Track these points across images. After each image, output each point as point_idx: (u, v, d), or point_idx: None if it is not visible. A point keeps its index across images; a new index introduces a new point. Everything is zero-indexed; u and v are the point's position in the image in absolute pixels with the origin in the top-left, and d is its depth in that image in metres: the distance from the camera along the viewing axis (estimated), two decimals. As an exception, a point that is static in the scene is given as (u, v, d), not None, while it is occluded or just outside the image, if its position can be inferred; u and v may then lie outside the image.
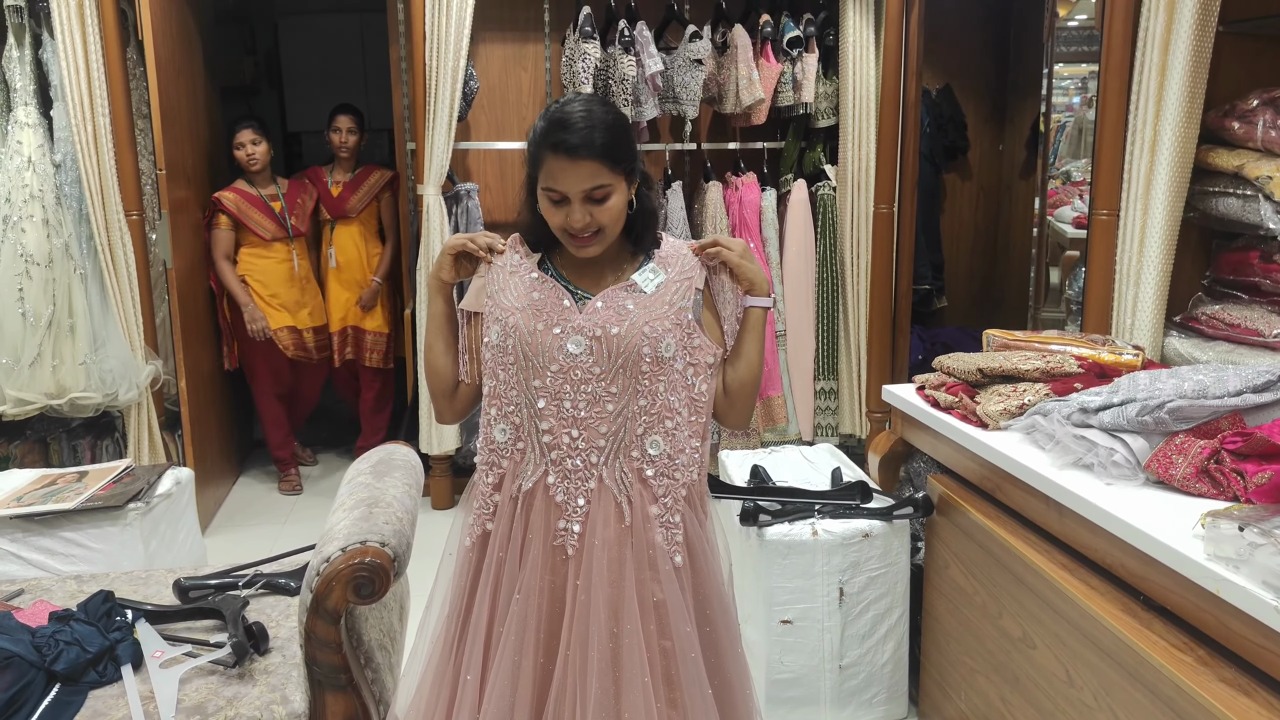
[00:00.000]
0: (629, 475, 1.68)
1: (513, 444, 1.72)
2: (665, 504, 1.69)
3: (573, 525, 1.68)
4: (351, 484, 2.25)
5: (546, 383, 1.68)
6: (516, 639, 1.66)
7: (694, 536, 1.71)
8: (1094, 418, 2.12)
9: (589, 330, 1.67)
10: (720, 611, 1.73)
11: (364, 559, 1.87)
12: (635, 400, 1.67)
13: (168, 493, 3.08)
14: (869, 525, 2.59)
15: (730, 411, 1.78)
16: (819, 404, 4.34)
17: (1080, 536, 2.01)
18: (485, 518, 1.75)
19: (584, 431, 1.67)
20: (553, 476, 1.69)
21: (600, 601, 1.63)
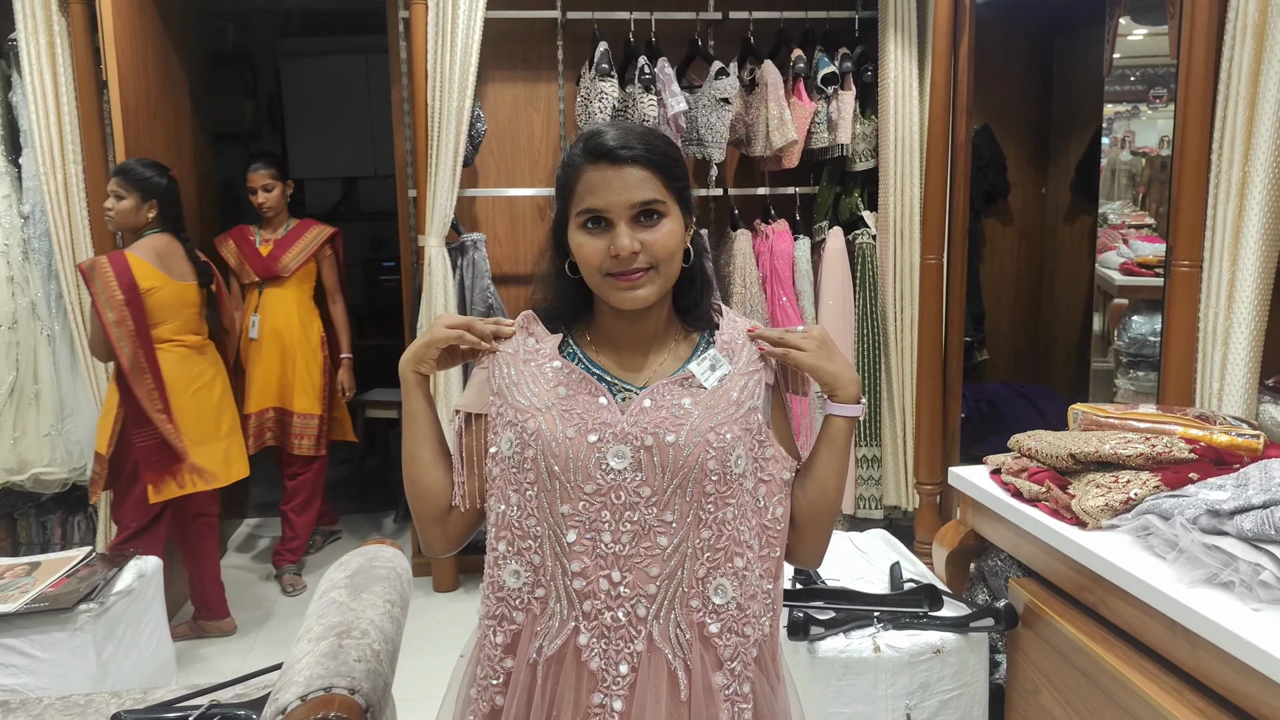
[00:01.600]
0: (687, 633, 1.29)
1: (530, 591, 1.33)
2: (733, 670, 1.30)
3: (613, 701, 1.28)
4: (322, 601, 1.86)
5: (579, 509, 1.29)
6: None
7: (766, 710, 1.33)
8: (1229, 523, 1.72)
9: (636, 437, 1.29)
10: None
11: (327, 713, 1.49)
12: (697, 532, 1.29)
13: (128, 589, 2.70)
14: (940, 639, 2.19)
15: (800, 546, 1.40)
16: (861, 473, 3.94)
17: (1223, 677, 1.61)
18: (495, 690, 1.35)
19: (628, 574, 1.28)
20: (585, 636, 1.29)
21: None
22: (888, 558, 2.61)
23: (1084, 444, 2.10)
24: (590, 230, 1.29)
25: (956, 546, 2.46)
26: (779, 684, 1.37)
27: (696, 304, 1.38)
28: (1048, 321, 5.35)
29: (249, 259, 4.00)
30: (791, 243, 3.87)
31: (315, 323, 4.09)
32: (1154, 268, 5.35)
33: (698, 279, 1.38)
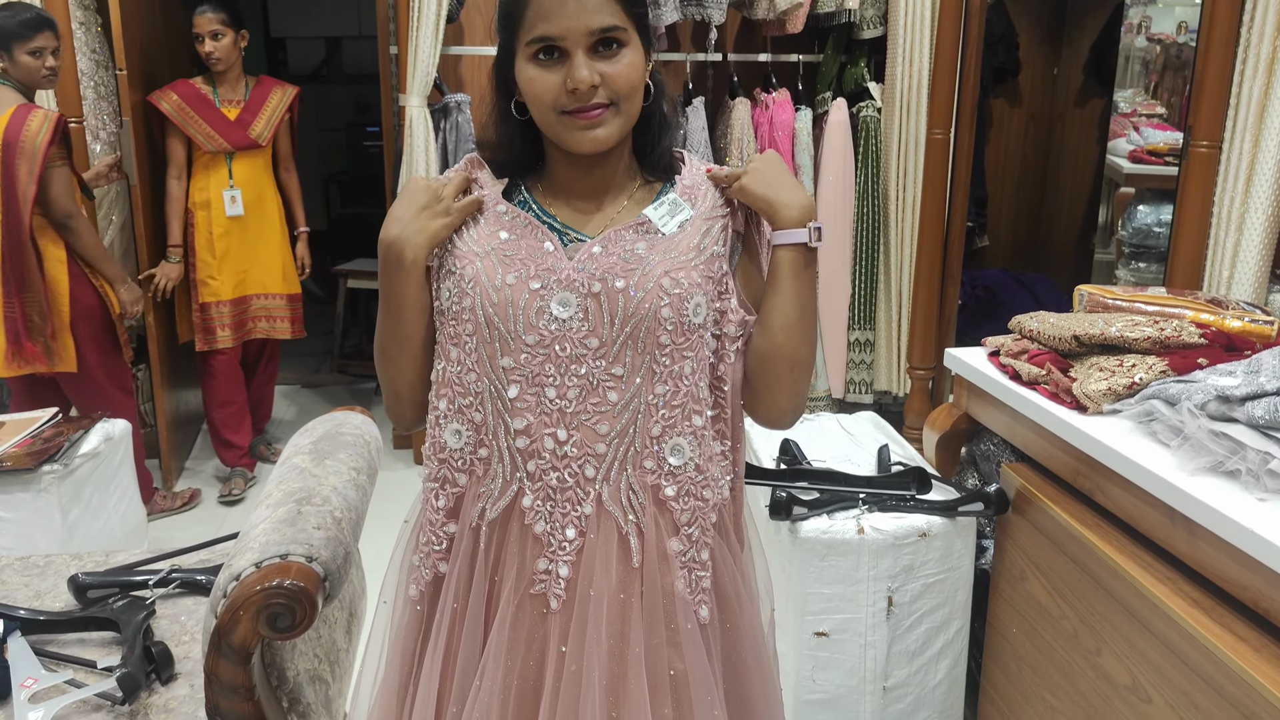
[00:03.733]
0: (640, 496, 1.19)
1: (472, 451, 1.23)
2: (690, 536, 1.20)
3: (559, 567, 1.19)
4: (284, 467, 1.78)
5: (521, 362, 1.18)
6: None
7: (727, 579, 1.24)
8: (1239, 409, 1.63)
9: (583, 284, 1.18)
10: (760, 682, 1.26)
11: (282, 580, 1.41)
12: (650, 387, 1.18)
13: (95, 451, 2.63)
14: (927, 522, 2.12)
15: (755, 401, 1.27)
16: (853, 357, 3.85)
17: (1222, 568, 1.54)
18: (437, 556, 1.26)
19: (575, 433, 1.18)
20: (530, 498, 1.20)
21: (596, 676, 1.15)
22: (876, 440, 2.54)
23: (1089, 326, 2.00)
24: (542, 62, 1.15)
25: (948, 430, 2.38)
26: (742, 551, 1.29)
27: (655, 144, 1.25)
28: (1050, 208, 5.21)
29: (216, 126, 3.54)
30: (792, 114, 3.70)
31: (277, 193, 3.77)
32: (1164, 156, 5.18)
33: (656, 118, 1.24)
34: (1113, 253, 5.71)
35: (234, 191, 3.57)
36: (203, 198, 3.58)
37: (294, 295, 3.77)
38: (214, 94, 3.58)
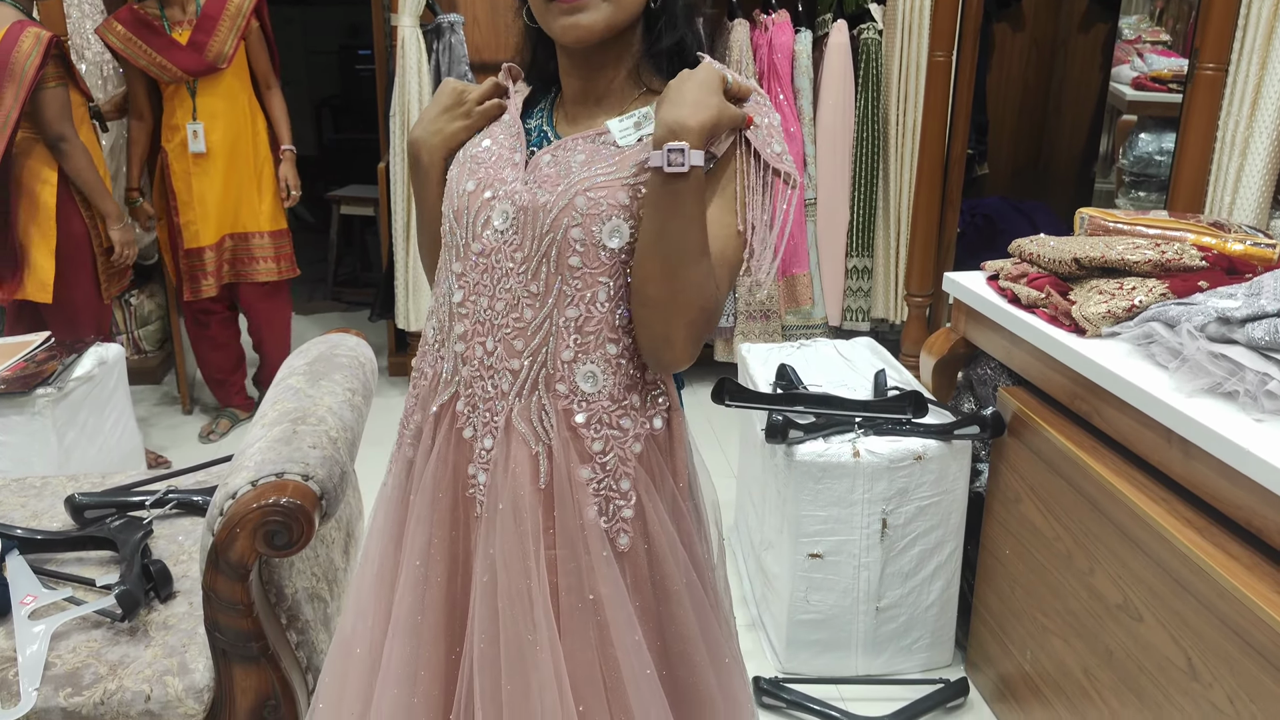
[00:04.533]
0: (551, 417, 1.16)
1: (436, 349, 1.25)
2: (604, 465, 1.17)
3: (479, 474, 1.20)
4: (279, 388, 1.77)
5: (467, 269, 1.19)
6: (412, 616, 1.22)
7: (653, 514, 1.19)
8: (1239, 331, 1.63)
9: (521, 195, 1.14)
10: (697, 612, 1.22)
11: (278, 498, 1.41)
12: (561, 309, 1.14)
13: (89, 375, 2.62)
14: (922, 445, 2.13)
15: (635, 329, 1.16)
16: (850, 284, 3.83)
17: (1215, 487, 1.55)
18: (408, 443, 1.28)
19: (499, 345, 1.17)
20: (462, 402, 1.21)
21: (511, 592, 1.15)
22: (872, 366, 2.53)
23: (1090, 249, 1.98)
24: None
25: (945, 354, 2.37)
26: (679, 483, 1.23)
27: (657, 42, 1.17)
28: (1051, 136, 5.15)
29: (167, 54, 3.12)
30: (792, 36, 3.62)
31: (261, 118, 3.38)
32: (1168, 83, 5.10)
33: (666, 17, 1.15)
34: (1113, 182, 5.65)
35: (196, 125, 3.20)
36: (175, 135, 3.25)
37: (280, 232, 3.43)
38: (161, 17, 3.14)
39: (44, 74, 2.76)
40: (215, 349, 3.54)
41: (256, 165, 3.36)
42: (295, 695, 1.53)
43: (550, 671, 1.13)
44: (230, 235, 3.36)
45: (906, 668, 2.28)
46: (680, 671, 1.22)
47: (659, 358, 1.15)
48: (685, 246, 1.08)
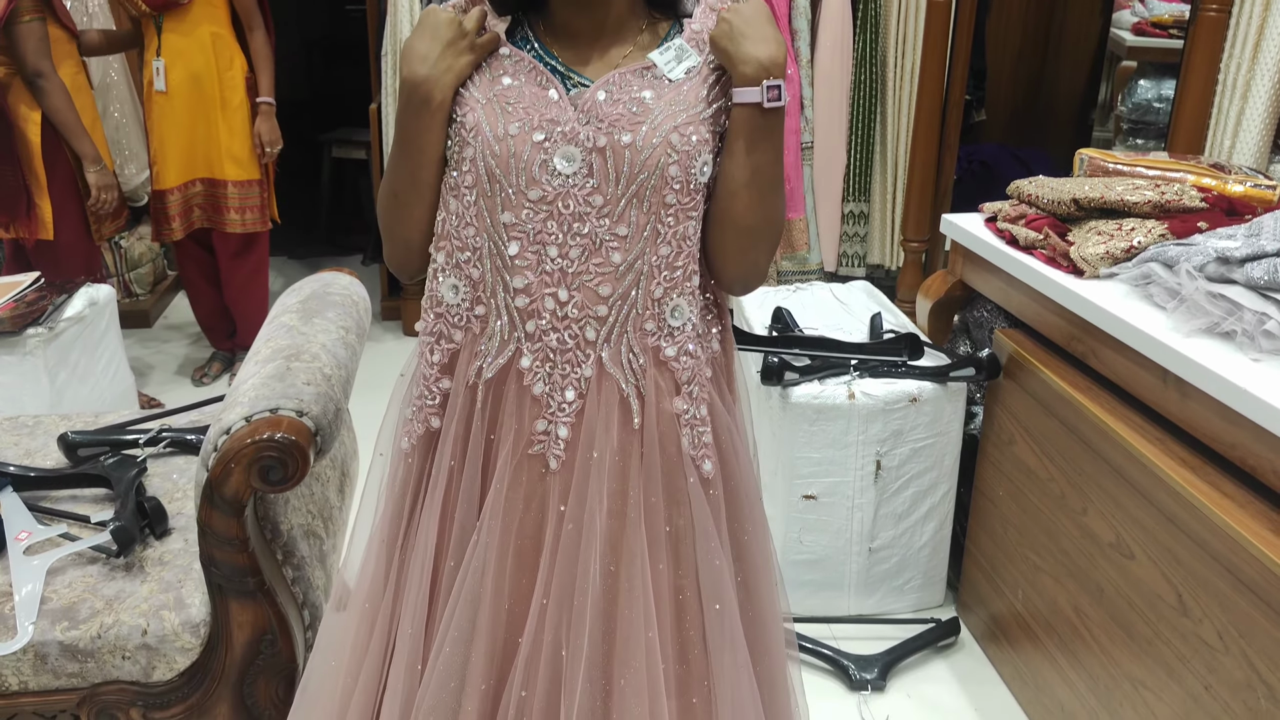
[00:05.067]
0: (640, 358, 1.16)
1: (469, 309, 1.19)
2: (690, 394, 1.18)
3: (558, 428, 1.17)
4: (272, 326, 1.76)
5: (522, 218, 1.13)
6: (474, 582, 1.19)
7: (725, 432, 1.21)
8: (1238, 271, 1.62)
9: (588, 137, 1.11)
10: (757, 532, 1.25)
11: (273, 434, 1.40)
12: (654, 248, 1.14)
13: (79, 315, 2.60)
14: (917, 388, 2.13)
15: (707, 262, 1.21)
16: (846, 229, 3.81)
17: (1211, 427, 1.55)
18: (430, 411, 1.23)
19: (576, 294, 1.14)
20: (528, 359, 1.16)
21: (594, 534, 1.15)
22: (868, 309, 2.52)
23: (1089, 190, 1.97)
24: None
25: (942, 297, 2.37)
26: (736, 402, 1.28)
27: None
28: (1050, 83, 5.09)
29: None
30: (790, -24, 3.56)
31: (238, 59, 3.20)
32: (1168, 28, 5.05)
33: None
34: (1111, 129, 5.62)
35: (159, 63, 3.07)
36: (146, 72, 3.13)
37: (250, 183, 3.26)
38: None
39: (18, 6, 2.70)
40: (202, 293, 3.49)
41: (226, 111, 3.20)
42: (291, 630, 1.53)
43: (639, 606, 1.15)
44: (201, 180, 3.24)
45: (898, 608, 2.30)
46: (743, 598, 1.25)
47: (747, 282, 1.22)
48: (775, 176, 1.15)
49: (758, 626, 1.26)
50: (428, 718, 1.20)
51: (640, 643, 1.13)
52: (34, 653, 1.46)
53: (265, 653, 1.52)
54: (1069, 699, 1.85)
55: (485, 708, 1.21)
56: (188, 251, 3.38)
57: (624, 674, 1.14)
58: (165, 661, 1.50)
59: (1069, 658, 1.85)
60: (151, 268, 4.00)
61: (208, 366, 3.53)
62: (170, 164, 3.19)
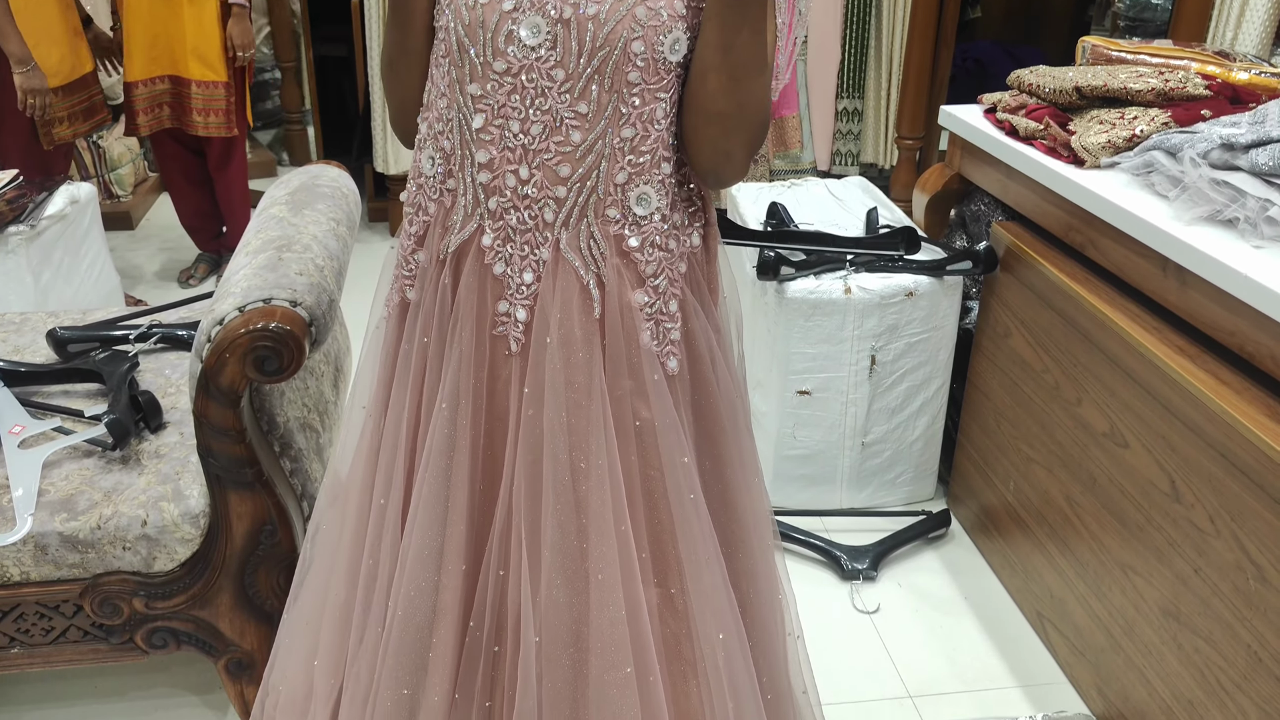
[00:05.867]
0: (602, 246, 1.12)
1: (442, 181, 1.16)
2: (656, 287, 1.14)
3: (516, 310, 1.14)
4: (261, 218, 1.73)
5: (488, 90, 1.09)
6: (442, 460, 1.18)
7: (697, 332, 1.19)
8: (1242, 157, 1.60)
9: (554, 8, 1.06)
10: (733, 433, 1.23)
11: (267, 324, 1.39)
12: (617, 130, 1.09)
13: (61, 214, 2.55)
14: (914, 282, 2.11)
15: (687, 149, 1.14)
16: (840, 127, 3.75)
17: (1209, 314, 1.55)
18: (405, 281, 1.22)
19: (537, 172, 1.10)
20: (490, 236, 1.13)
21: (557, 425, 1.13)
22: (864, 205, 2.50)
23: (1092, 78, 1.93)
24: None
25: (939, 190, 2.34)
26: (715, 303, 1.24)
27: None
28: (1048, -24, 4.99)
29: None
30: None
31: None
32: (1170, -80, 4.92)
33: None
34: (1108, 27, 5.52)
35: None
36: None
37: (215, 84, 3.15)
38: None
39: None
40: (184, 193, 3.43)
41: (194, 7, 3.08)
42: (291, 521, 1.54)
43: (608, 498, 1.12)
44: (168, 78, 3.15)
45: (889, 501, 2.32)
46: (717, 493, 1.23)
47: (719, 174, 1.14)
48: (752, 58, 1.06)
49: (735, 523, 1.25)
50: (409, 600, 1.20)
51: (612, 535, 1.13)
52: (34, 544, 1.46)
53: (265, 543, 1.53)
54: (1057, 585, 1.88)
55: (465, 588, 1.21)
56: (166, 150, 3.31)
57: (601, 568, 1.13)
58: (166, 552, 1.50)
59: (1059, 546, 1.88)
60: (132, 168, 3.92)
61: (194, 269, 3.49)
62: (136, 56, 3.11)
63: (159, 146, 3.31)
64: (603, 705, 1.13)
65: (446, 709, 1.21)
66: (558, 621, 1.14)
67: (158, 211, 4.07)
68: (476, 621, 1.20)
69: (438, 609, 1.20)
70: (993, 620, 2.02)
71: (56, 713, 1.77)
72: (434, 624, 1.20)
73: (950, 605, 2.06)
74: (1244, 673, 1.41)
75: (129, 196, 3.92)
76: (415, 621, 1.20)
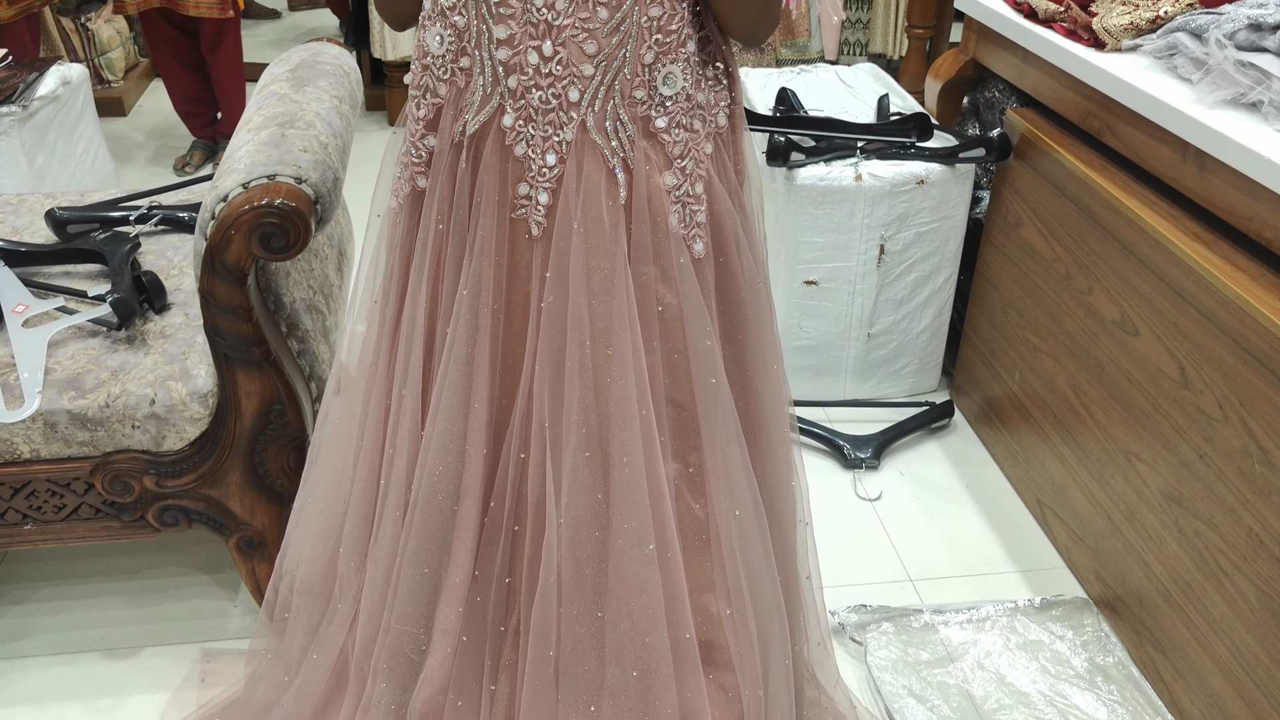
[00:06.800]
0: (629, 128, 1.09)
1: (453, 60, 1.11)
2: (683, 169, 1.12)
3: (539, 194, 1.11)
4: (262, 95, 1.68)
5: None
6: (465, 346, 1.16)
7: (723, 214, 1.16)
8: (1270, 38, 1.56)
9: None
10: (755, 318, 1.22)
11: (272, 200, 1.36)
12: (644, 8, 1.05)
13: (53, 94, 2.50)
14: (925, 169, 2.08)
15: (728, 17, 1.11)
16: (848, 15, 3.65)
17: (1228, 200, 1.52)
18: (416, 169, 1.18)
19: (562, 49, 1.06)
20: (511, 116, 1.10)
21: (582, 311, 1.11)
22: (875, 92, 2.44)
23: (1116, -43, 1.87)
24: None
25: (953, 77, 2.29)
26: (741, 185, 1.21)
27: None
28: None
29: None
30: None
31: None
32: None
33: None
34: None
35: None
36: None
37: None
38: None
39: None
40: (177, 78, 3.34)
41: None
42: (300, 401, 1.54)
43: (631, 384, 1.11)
44: None
45: (893, 392, 2.33)
46: (737, 378, 1.22)
47: (751, 34, 1.11)
48: None
49: (755, 407, 1.25)
50: (431, 484, 1.21)
51: (636, 420, 1.12)
52: (43, 421, 1.46)
53: (274, 423, 1.53)
54: (1059, 474, 1.90)
55: (487, 471, 1.21)
56: (157, 31, 3.21)
57: (624, 452, 1.13)
58: (175, 431, 1.50)
59: (1063, 435, 1.89)
60: (123, 53, 3.82)
61: (189, 156, 3.43)
62: None
63: (149, 28, 3.21)
64: (623, 581, 1.15)
65: (467, 586, 1.23)
66: (580, 503, 1.15)
67: (150, 98, 3.98)
68: (497, 502, 1.21)
69: (460, 490, 1.20)
70: (993, 508, 2.05)
71: (70, 589, 1.80)
72: (456, 505, 1.21)
73: (951, 493, 2.09)
74: (1244, 554, 1.43)
75: (120, 82, 3.83)
76: (438, 503, 1.21)
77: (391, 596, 1.27)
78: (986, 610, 1.77)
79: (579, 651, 1.18)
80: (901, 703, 1.60)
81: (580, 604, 1.17)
